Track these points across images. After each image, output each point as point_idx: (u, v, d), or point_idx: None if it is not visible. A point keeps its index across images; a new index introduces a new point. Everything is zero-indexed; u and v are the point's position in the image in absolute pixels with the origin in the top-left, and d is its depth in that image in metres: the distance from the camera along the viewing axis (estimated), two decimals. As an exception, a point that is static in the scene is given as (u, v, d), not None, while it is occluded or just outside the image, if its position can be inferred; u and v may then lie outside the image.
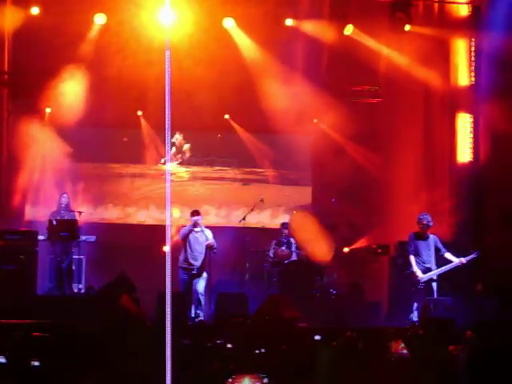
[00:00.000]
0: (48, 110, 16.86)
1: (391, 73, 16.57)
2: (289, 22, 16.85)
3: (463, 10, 15.94)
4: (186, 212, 14.91)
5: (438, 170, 16.34)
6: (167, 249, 6.31)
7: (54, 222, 14.63)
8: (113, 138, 17.68)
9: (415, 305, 13.30)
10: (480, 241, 14.83)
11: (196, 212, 14.27)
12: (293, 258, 15.56)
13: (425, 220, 13.49)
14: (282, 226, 16.04)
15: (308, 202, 17.93)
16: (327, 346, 8.17)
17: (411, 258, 13.45)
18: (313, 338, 9.86)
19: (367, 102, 17.71)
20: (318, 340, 9.80)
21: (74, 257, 15.03)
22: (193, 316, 13.80)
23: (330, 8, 16.44)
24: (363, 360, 7.55)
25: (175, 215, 16.31)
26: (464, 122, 15.87)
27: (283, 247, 15.58)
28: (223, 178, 18.19)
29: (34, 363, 7.93)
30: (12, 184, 16.60)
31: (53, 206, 15.66)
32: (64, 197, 15.50)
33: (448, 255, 13.50)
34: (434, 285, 13.46)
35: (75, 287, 15.09)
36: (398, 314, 13.87)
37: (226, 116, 17.78)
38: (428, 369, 7.40)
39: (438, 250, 13.54)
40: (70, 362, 7.91)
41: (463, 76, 15.85)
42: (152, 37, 14.83)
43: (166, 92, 6.28)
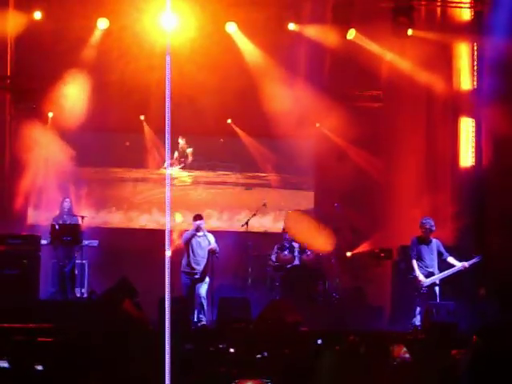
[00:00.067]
0: (50, 114, 16.86)
1: (394, 77, 16.56)
2: (291, 27, 16.86)
3: (465, 15, 15.93)
4: (189, 216, 14.89)
5: (441, 174, 16.32)
6: (167, 253, 6.31)
7: (57, 227, 14.64)
8: (115, 143, 17.68)
9: (418, 309, 13.29)
10: (482, 245, 14.80)
11: (198, 216, 14.28)
12: (295, 263, 15.54)
13: (427, 224, 13.49)
14: (284, 230, 16.03)
15: (310, 206, 17.90)
16: (329, 350, 8.16)
17: (414, 263, 13.45)
18: (315, 342, 9.86)
19: (369, 107, 17.68)
20: (320, 344, 9.79)
21: (77, 261, 15.04)
22: (195, 320, 13.80)
23: (332, 12, 16.42)
24: (365, 364, 7.54)
25: (178, 220, 16.30)
26: (466, 126, 15.86)
27: (285, 252, 15.56)
28: (225, 182, 18.17)
29: (38, 367, 7.93)
30: (14, 188, 16.58)
31: (55, 210, 15.67)
32: (66, 201, 15.51)
33: (450, 259, 13.49)
34: (437, 289, 13.47)
35: (78, 291, 15.08)
36: (401, 319, 13.86)
37: (229, 120, 17.77)
38: (430, 373, 7.39)
39: (440, 254, 13.53)
40: (72, 367, 7.91)
41: (465, 80, 15.84)
42: (154, 42, 14.87)
43: (167, 96, 6.28)
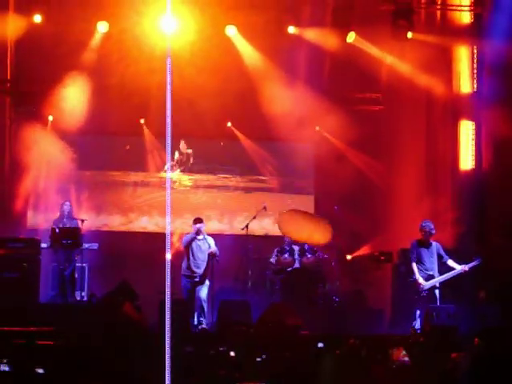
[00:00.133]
0: (50, 117, 16.86)
1: (393, 80, 16.57)
2: (291, 30, 16.87)
3: (465, 18, 15.93)
4: (189, 220, 14.88)
5: (441, 177, 16.32)
6: (167, 257, 6.31)
7: (57, 230, 14.61)
8: (115, 146, 17.67)
9: (418, 312, 13.28)
10: (483, 248, 14.80)
11: (198, 220, 14.26)
12: (295, 266, 15.53)
13: (427, 227, 13.48)
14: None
15: (310, 209, 17.89)
16: (330, 353, 8.16)
17: (414, 266, 13.43)
18: (315, 345, 9.85)
19: (369, 110, 17.70)
20: (320, 348, 9.78)
21: (77, 264, 15.01)
22: (195, 323, 13.79)
23: (332, 15, 16.42)
24: (366, 367, 7.54)
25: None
26: (466, 129, 15.85)
27: (286, 255, 15.54)
28: (226, 185, 18.16)
29: (39, 371, 7.93)
30: (14, 191, 16.59)
31: (55, 214, 15.66)
32: (66, 205, 15.49)
33: (450, 262, 13.48)
34: (437, 292, 13.45)
35: (78, 295, 15.06)
36: (401, 322, 13.85)
37: (229, 123, 17.77)
38: (429, 376, 7.39)
39: (440, 257, 13.52)
40: (73, 370, 7.90)
41: (465, 83, 15.84)
42: (154, 45, 14.89)
43: (167, 100, 6.28)
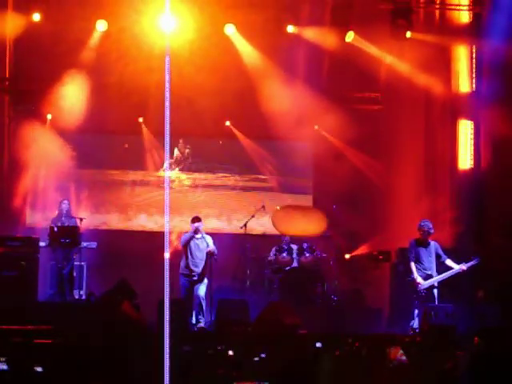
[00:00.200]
0: (49, 116, 16.85)
1: (392, 79, 16.56)
2: (290, 29, 16.85)
3: (464, 17, 15.93)
4: (187, 218, 14.87)
5: (439, 176, 16.32)
6: (166, 255, 6.30)
7: (55, 229, 14.62)
8: (114, 145, 17.68)
9: (416, 311, 13.28)
10: (481, 247, 14.80)
11: (197, 218, 14.25)
12: (294, 265, 15.53)
13: (425, 227, 13.48)
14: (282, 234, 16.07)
15: (309, 208, 17.88)
16: (328, 353, 8.16)
17: (412, 265, 13.43)
18: (314, 345, 9.84)
19: (368, 109, 17.69)
20: (319, 347, 9.78)
21: (75, 263, 15.02)
22: (194, 322, 13.79)
23: (331, 15, 16.41)
24: (364, 367, 7.54)
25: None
26: (465, 129, 15.85)
27: (284, 254, 15.54)
28: (224, 184, 18.16)
29: (37, 369, 7.93)
30: (13, 189, 16.58)
31: (53, 212, 15.65)
32: (64, 203, 15.48)
33: (449, 262, 13.48)
34: (435, 291, 13.45)
35: (76, 293, 15.07)
36: (400, 321, 13.85)
37: (227, 122, 17.77)
38: (427, 375, 7.39)
39: (438, 256, 13.52)
40: (71, 368, 7.90)
41: (464, 83, 15.84)
42: (153, 43, 14.89)
43: (166, 98, 6.28)
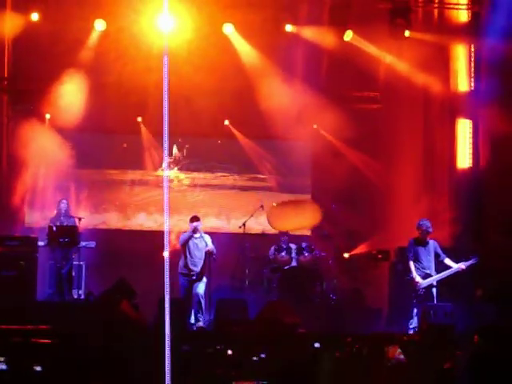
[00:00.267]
0: (48, 115, 16.83)
1: (391, 79, 16.57)
2: (288, 28, 16.85)
3: (463, 16, 15.93)
4: (186, 218, 14.86)
5: (438, 175, 16.33)
6: (165, 254, 6.30)
7: (54, 228, 14.61)
8: (112, 144, 17.67)
9: (415, 311, 13.29)
10: (480, 246, 14.80)
11: (195, 218, 14.25)
12: (293, 264, 15.53)
13: (424, 226, 13.48)
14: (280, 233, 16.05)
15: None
16: (327, 352, 8.17)
17: (411, 264, 13.43)
18: (312, 345, 9.84)
19: (367, 108, 17.69)
20: (317, 348, 9.78)
21: (74, 263, 15.01)
22: (193, 322, 13.78)
23: (329, 14, 16.40)
24: (363, 366, 7.54)
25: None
26: (464, 128, 15.86)
27: (283, 253, 15.54)
28: (223, 184, 18.16)
29: (36, 368, 7.94)
30: (12, 189, 16.57)
31: (52, 212, 15.63)
32: (63, 203, 15.47)
33: (447, 261, 13.49)
34: (434, 290, 13.46)
35: (75, 293, 15.06)
36: (399, 320, 13.85)
37: (226, 122, 17.77)
38: (425, 374, 7.40)
39: (437, 255, 13.53)
40: (70, 368, 7.90)
41: (463, 82, 15.85)
42: (151, 43, 14.87)
43: (164, 98, 6.28)
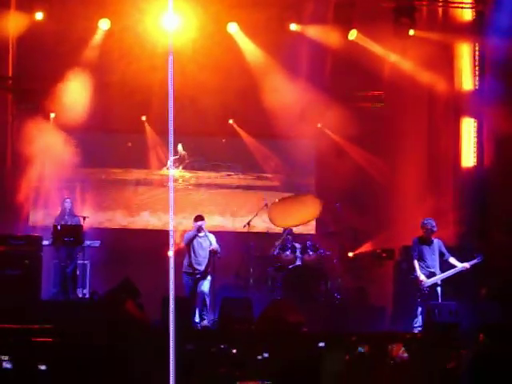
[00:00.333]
0: (52, 114, 16.84)
1: (395, 77, 16.55)
2: (293, 27, 16.83)
3: (467, 15, 15.92)
4: (191, 217, 14.87)
5: (443, 174, 16.32)
6: (169, 253, 6.31)
7: (59, 228, 14.63)
8: (117, 143, 17.68)
9: (419, 309, 13.29)
10: (484, 245, 14.79)
11: (200, 217, 14.27)
12: (297, 263, 15.52)
13: (429, 225, 13.48)
14: (284, 230, 16.02)
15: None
16: (331, 352, 8.16)
17: (415, 263, 13.44)
18: (317, 343, 9.84)
19: (371, 107, 17.69)
20: (322, 347, 9.78)
21: (79, 262, 15.04)
22: (197, 320, 13.79)
23: (333, 13, 16.37)
24: (366, 364, 7.54)
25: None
26: (468, 127, 15.85)
27: (287, 252, 15.53)
28: (227, 182, 18.16)
29: (41, 367, 7.95)
30: (16, 188, 16.59)
31: (57, 211, 15.64)
32: (67, 202, 15.46)
33: (452, 260, 13.49)
34: (439, 289, 13.46)
35: (79, 292, 15.08)
36: (403, 319, 13.85)
37: (230, 121, 17.77)
38: (429, 372, 7.39)
39: (442, 254, 13.53)
40: (74, 367, 7.91)
41: (467, 80, 15.83)
42: (156, 42, 14.90)
43: (169, 97, 6.28)
